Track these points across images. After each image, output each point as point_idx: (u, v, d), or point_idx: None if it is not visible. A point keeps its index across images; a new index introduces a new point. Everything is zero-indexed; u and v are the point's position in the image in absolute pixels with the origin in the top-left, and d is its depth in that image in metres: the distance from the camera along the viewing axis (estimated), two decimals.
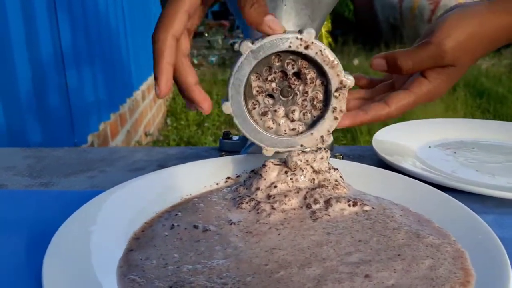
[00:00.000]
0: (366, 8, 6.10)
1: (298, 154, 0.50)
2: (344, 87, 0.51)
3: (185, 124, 3.80)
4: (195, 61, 5.75)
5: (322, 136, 0.53)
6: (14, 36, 1.48)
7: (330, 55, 0.50)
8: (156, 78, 0.47)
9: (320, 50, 0.50)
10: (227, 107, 0.51)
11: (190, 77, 0.50)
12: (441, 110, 3.45)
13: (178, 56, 0.49)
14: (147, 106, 3.33)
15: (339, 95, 0.51)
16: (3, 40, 1.44)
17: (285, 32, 0.49)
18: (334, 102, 0.51)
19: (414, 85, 0.55)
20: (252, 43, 0.49)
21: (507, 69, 4.78)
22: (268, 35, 0.49)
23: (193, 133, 3.61)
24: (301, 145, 0.53)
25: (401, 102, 0.55)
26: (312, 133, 0.52)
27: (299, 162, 0.50)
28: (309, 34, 0.49)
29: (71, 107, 1.85)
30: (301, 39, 0.49)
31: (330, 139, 0.53)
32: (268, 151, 0.53)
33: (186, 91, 0.50)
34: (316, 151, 0.51)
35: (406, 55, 0.53)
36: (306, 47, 0.50)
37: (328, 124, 0.52)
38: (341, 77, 0.51)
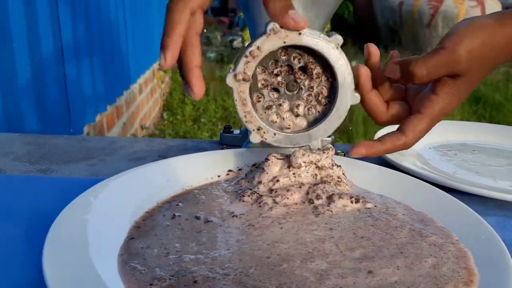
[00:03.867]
0: (366, 10, 6.10)
1: (303, 154, 0.50)
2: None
3: (181, 119, 3.79)
4: None
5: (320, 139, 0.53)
6: (15, 27, 1.47)
7: (348, 68, 0.51)
8: (163, 48, 0.46)
9: (340, 59, 0.50)
10: (229, 80, 0.50)
11: (195, 57, 0.48)
12: None
13: (190, 32, 0.47)
14: (144, 100, 3.32)
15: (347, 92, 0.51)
16: (3, 30, 1.43)
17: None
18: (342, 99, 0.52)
19: (426, 105, 0.53)
20: (281, 27, 0.48)
21: (504, 77, 4.80)
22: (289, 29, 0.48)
23: (189, 128, 3.61)
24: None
25: (417, 129, 0.53)
26: (319, 126, 0.52)
27: (303, 164, 0.50)
28: (338, 40, 0.50)
29: (69, 97, 1.84)
30: (329, 42, 0.50)
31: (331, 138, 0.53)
32: (255, 138, 0.52)
33: (185, 70, 0.48)
34: (323, 152, 0.51)
35: (420, 61, 0.51)
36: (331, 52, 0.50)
37: (332, 121, 0.52)
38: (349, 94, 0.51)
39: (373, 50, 0.54)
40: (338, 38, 0.50)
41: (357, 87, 0.52)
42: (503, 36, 0.51)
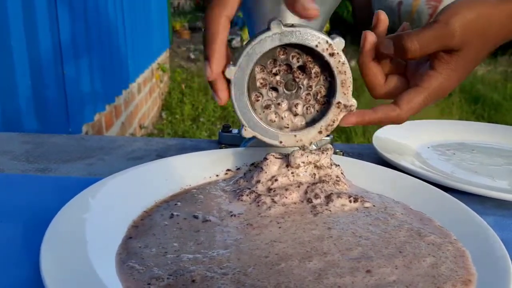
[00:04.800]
0: (365, 10, 6.10)
1: (302, 155, 0.50)
2: (346, 107, 0.51)
3: (180, 119, 3.79)
4: (193, 56, 5.73)
5: (321, 130, 0.52)
6: (13, 26, 1.47)
7: (348, 71, 0.50)
8: (208, 57, 0.46)
9: (342, 63, 0.50)
10: (230, 71, 0.49)
11: (222, 65, 0.48)
12: (436, 114, 3.46)
13: None
14: (143, 99, 3.32)
15: (339, 110, 0.51)
16: (2, 30, 1.43)
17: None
18: (329, 116, 0.51)
19: (424, 79, 0.51)
20: (284, 25, 0.48)
21: (502, 76, 4.80)
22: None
23: (188, 128, 3.61)
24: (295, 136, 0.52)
25: (413, 101, 0.51)
26: (318, 125, 0.52)
27: (302, 164, 0.50)
28: (340, 43, 0.49)
29: (67, 97, 1.84)
30: (330, 44, 0.49)
31: (355, 103, 0.52)
32: (247, 132, 0.51)
33: (213, 78, 0.48)
34: (322, 152, 0.51)
35: (412, 35, 0.49)
36: (331, 55, 0.49)
37: (331, 116, 0.52)
38: (347, 97, 0.51)
39: (383, 17, 0.53)
40: (342, 42, 0.49)
41: (360, 54, 0.52)
42: (503, 10, 0.50)
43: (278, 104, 0.53)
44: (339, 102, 0.51)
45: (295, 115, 0.53)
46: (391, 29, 0.54)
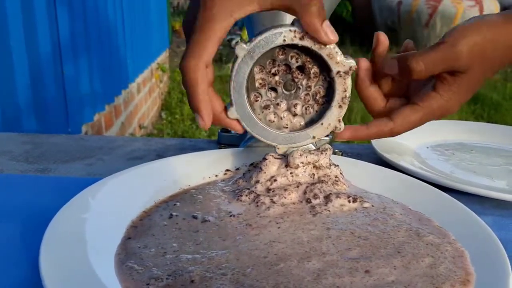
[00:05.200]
0: (364, 10, 6.10)
1: (301, 155, 0.50)
2: (346, 71, 0.50)
3: (179, 119, 3.79)
4: None
5: (330, 124, 0.52)
6: (12, 26, 1.47)
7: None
8: (196, 110, 0.46)
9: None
10: (232, 113, 0.50)
11: (217, 105, 0.49)
12: None
13: None
14: (142, 99, 3.32)
15: (342, 79, 0.50)
16: (1, 29, 1.42)
17: (279, 26, 0.48)
18: (338, 88, 0.50)
19: (423, 99, 0.51)
20: (246, 43, 0.48)
21: (502, 76, 4.80)
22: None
23: (188, 128, 3.61)
24: (314, 137, 0.52)
25: (407, 118, 0.51)
26: (322, 123, 0.51)
27: (301, 165, 0.50)
28: (300, 26, 0.48)
29: (66, 97, 1.84)
30: (294, 30, 0.48)
31: (342, 126, 0.51)
32: (281, 149, 0.52)
33: (215, 119, 0.49)
34: (321, 152, 0.51)
35: (417, 56, 0.49)
36: (302, 38, 0.49)
37: (335, 113, 0.51)
38: (340, 60, 0.49)
39: (382, 38, 0.53)
40: (352, 62, 0.49)
41: (356, 81, 0.52)
42: (508, 33, 0.49)
43: (277, 104, 0.53)
44: (338, 72, 0.50)
45: (294, 115, 0.53)
46: (390, 29, 0.54)
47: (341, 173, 0.52)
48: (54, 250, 0.37)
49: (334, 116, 0.51)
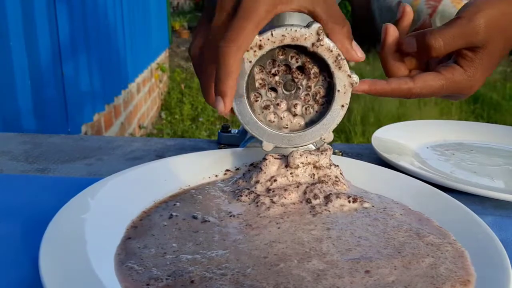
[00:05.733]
0: (364, 10, 6.10)
1: (301, 155, 0.50)
2: (351, 84, 0.50)
3: (179, 119, 3.79)
4: None
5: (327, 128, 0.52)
6: (12, 26, 1.47)
7: (335, 50, 0.49)
8: (223, 94, 0.44)
9: (329, 47, 0.49)
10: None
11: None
12: (435, 114, 3.46)
13: None
14: (142, 99, 3.32)
15: (345, 92, 0.50)
16: (1, 29, 1.42)
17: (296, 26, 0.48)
18: (340, 99, 0.50)
19: (447, 69, 0.50)
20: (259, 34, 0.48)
21: (501, 76, 4.80)
22: None
23: (187, 128, 3.61)
24: (321, 138, 0.52)
25: (429, 82, 0.50)
26: (317, 126, 0.51)
27: (301, 165, 0.50)
28: (317, 28, 0.48)
29: (66, 97, 1.84)
30: (318, 34, 0.48)
31: (331, 137, 0.52)
32: (267, 146, 0.51)
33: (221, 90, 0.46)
34: (321, 153, 0.51)
35: (436, 33, 0.48)
36: (315, 43, 0.48)
37: (333, 117, 0.51)
38: (348, 74, 0.49)
39: (408, 10, 0.52)
40: (355, 78, 0.49)
41: (382, 47, 0.52)
42: None
43: (277, 104, 0.53)
44: (344, 85, 0.50)
45: (294, 115, 0.53)
46: None
47: (341, 173, 0.52)
48: (54, 250, 0.37)
49: (332, 120, 0.52)
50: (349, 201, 0.48)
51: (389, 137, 0.72)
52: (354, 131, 3.22)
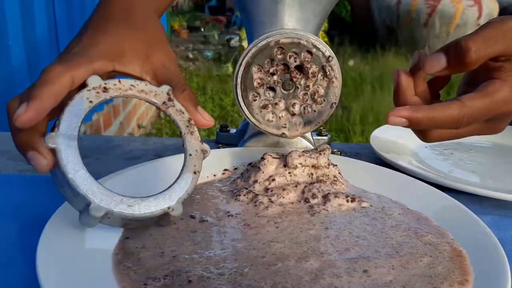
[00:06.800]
0: (363, 9, 6.11)
1: (300, 156, 0.50)
2: (202, 151, 0.46)
3: None
4: (191, 56, 5.73)
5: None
6: (11, 25, 1.46)
7: (186, 113, 0.45)
8: (29, 97, 0.36)
9: (180, 109, 0.44)
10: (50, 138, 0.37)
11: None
12: None
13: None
14: None
15: (198, 158, 0.46)
16: (0, 29, 1.42)
17: None
18: (191, 165, 0.45)
19: (486, 85, 0.45)
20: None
21: None
22: None
23: None
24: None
25: (476, 101, 0.44)
26: (164, 193, 0.42)
27: (299, 166, 0.50)
28: (167, 90, 0.44)
29: None
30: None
31: (179, 209, 0.41)
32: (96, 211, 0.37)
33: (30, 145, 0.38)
34: (319, 153, 0.51)
35: (468, 37, 0.44)
36: (166, 102, 0.44)
37: (183, 186, 0.43)
38: (200, 140, 0.46)
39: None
40: (206, 146, 0.45)
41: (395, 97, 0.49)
42: None
43: (276, 104, 0.53)
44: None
45: (293, 115, 0.53)
46: (389, 29, 0.54)
47: (339, 173, 0.52)
48: (51, 250, 0.37)
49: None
50: (347, 201, 0.48)
51: (387, 136, 0.71)
52: (353, 130, 3.22)
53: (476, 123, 0.47)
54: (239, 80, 0.52)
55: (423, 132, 0.49)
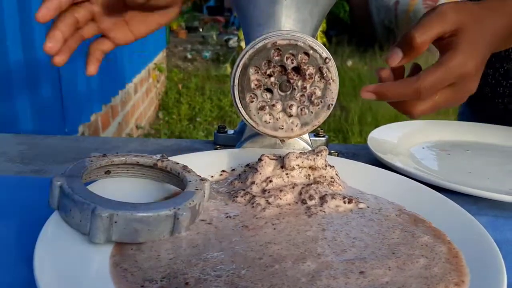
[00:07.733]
0: (362, 9, 6.11)
1: (297, 157, 0.50)
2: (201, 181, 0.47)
3: (176, 119, 3.79)
4: (189, 56, 5.73)
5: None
6: (9, 27, 1.46)
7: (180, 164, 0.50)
8: None
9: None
10: None
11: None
12: (432, 115, 3.46)
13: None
14: (139, 99, 3.32)
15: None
16: None
17: None
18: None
19: (441, 57, 0.53)
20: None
21: None
22: None
23: (185, 128, 3.61)
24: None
25: (432, 73, 0.52)
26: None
27: (296, 167, 0.50)
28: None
29: (63, 97, 1.84)
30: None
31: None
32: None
33: None
34: (316, 155, 0.51)
35: (412, 29, 0.53)
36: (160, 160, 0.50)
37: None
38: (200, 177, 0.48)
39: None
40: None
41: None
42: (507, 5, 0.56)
43: (273, 105, 0.53)
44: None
45: (290, 116, 0.53)
46: (387, 28, 0.55)
47: (336, 174, 0.52)
48: (48, 252, 0.37)
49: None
50: (344, 202, 0.48)
51: (385, 137, 0.72)
52: (352, 131, 3.22)
53: (444, 92, 0.54)
54: (236, 81, 0.52)
55: (406, 110, 0.56)
